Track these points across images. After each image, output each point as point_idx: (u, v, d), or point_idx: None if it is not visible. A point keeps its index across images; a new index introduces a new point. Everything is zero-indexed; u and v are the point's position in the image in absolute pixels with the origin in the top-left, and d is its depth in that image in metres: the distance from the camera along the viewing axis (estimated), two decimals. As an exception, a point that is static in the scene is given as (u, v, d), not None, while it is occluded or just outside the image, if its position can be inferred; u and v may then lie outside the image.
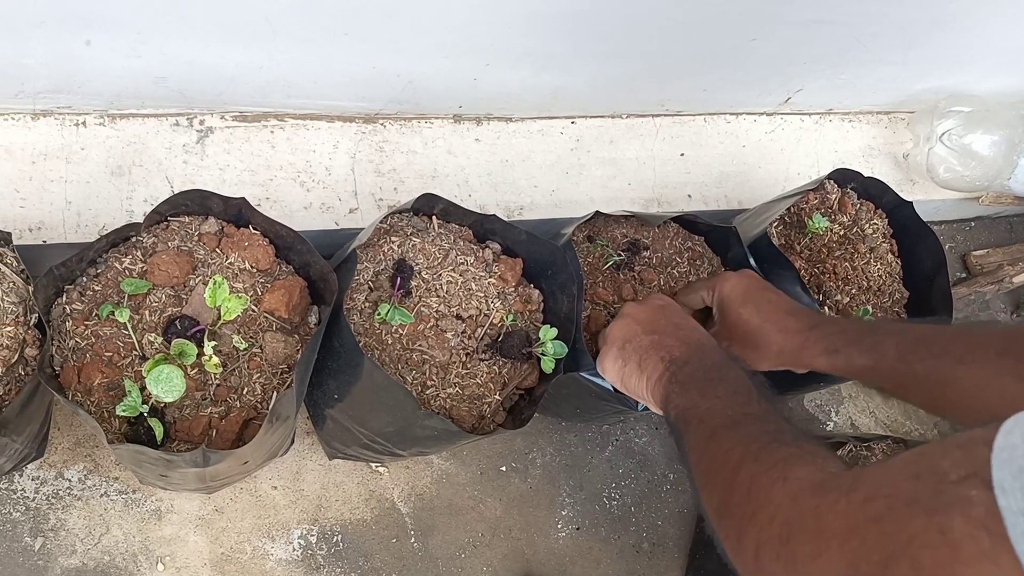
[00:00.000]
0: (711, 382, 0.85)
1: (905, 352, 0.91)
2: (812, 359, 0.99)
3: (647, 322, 0.99)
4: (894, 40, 1.36)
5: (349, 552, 1.35)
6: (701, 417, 0.80)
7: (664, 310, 1.01)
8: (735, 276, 1.10)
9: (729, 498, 0.67)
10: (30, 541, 1.22)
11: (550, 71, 1.26)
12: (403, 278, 1.07)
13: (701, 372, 0.88)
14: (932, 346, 0.91)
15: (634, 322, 1.00)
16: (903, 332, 0.95)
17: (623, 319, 1.02)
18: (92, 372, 0.94)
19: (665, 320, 0.99)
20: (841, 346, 0.97)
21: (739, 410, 0.78)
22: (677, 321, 0.99)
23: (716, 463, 0.72)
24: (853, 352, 0.95)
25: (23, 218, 1.14)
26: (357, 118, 1.32)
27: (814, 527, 0.55)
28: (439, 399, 1.06)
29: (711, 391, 0.83)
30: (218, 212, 1.05)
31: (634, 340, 0.98)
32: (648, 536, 1.53)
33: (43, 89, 1.11)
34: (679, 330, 0.97)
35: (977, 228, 1.98)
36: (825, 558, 0.53)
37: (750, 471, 0.66)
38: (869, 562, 0.50)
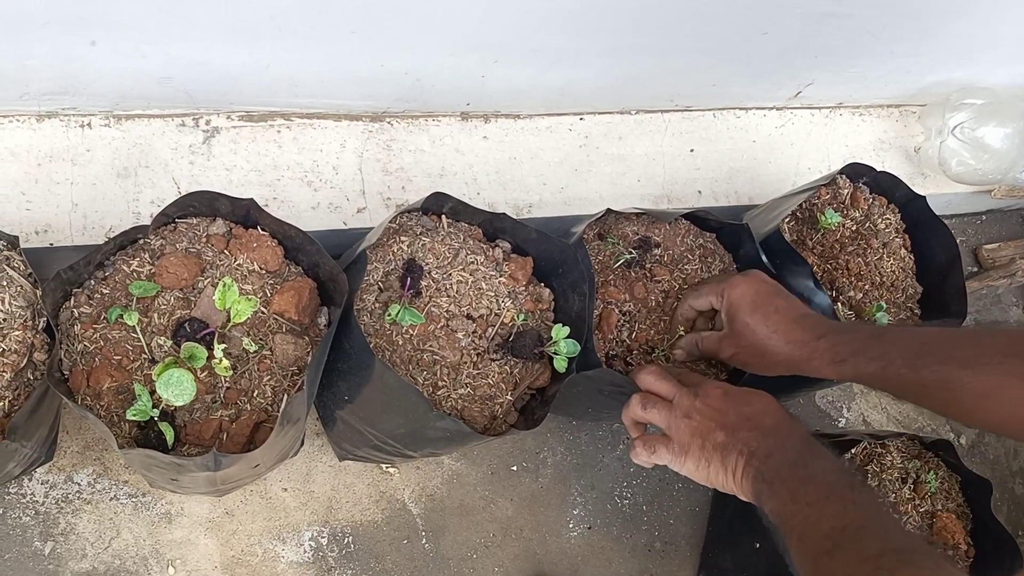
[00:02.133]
0: (799, 481, 0.84)
1: (912, 359, 0.92)
2: (819, 368, 0.99)
3: (717, 417, 0.95)
4: (906, 31, 1.34)
5: (360, 553, 1.34)
6: (800, 532, 0.79)
7: (728, 399, 0.96)
8: (743, 282, 1.08)
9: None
10: (40, 545, 1.21)
11: (559, 67, 1.25)
12: (413, 278, 1.06)
13: (787, 469, 0.86)
14: (938, 352, 0.91)
15: (703, 419, 0.96)
16: (909, 339, 0.95)
17: (690, 420, 0.97)
18: (101, 376, 0.93)
19: (734, 412, 0.95)
20: (848, 355, 0.97)
21: (836, 523, 0.77)
22: (746, 411, 0.94)
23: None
24: (860, 361, 0.96)
25: (29, 221, 1.13)
26: (364, 117, 1.31)
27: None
28: (450, 400, 1.05)
29: (801, 495, 0.82)
30: (226, 213, 1.04)
31: (709, 437, 0.94)
32: (660, 535, 1.52)
33: (48, 91, 1.10)
34: (750, 419, 0.93)
35: (988, 221, 1.96)
36: None
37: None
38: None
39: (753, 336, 1.04)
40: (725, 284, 1.09)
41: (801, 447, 0.89)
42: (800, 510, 0.81)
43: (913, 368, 0.91)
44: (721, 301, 1.09)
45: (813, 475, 0.84)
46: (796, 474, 0.85)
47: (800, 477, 0.84)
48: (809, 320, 1.03)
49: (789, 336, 1.01)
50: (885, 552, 0.70)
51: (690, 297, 1.15)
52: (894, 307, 1.33)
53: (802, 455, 0.87)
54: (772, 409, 0.95)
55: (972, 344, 0.91)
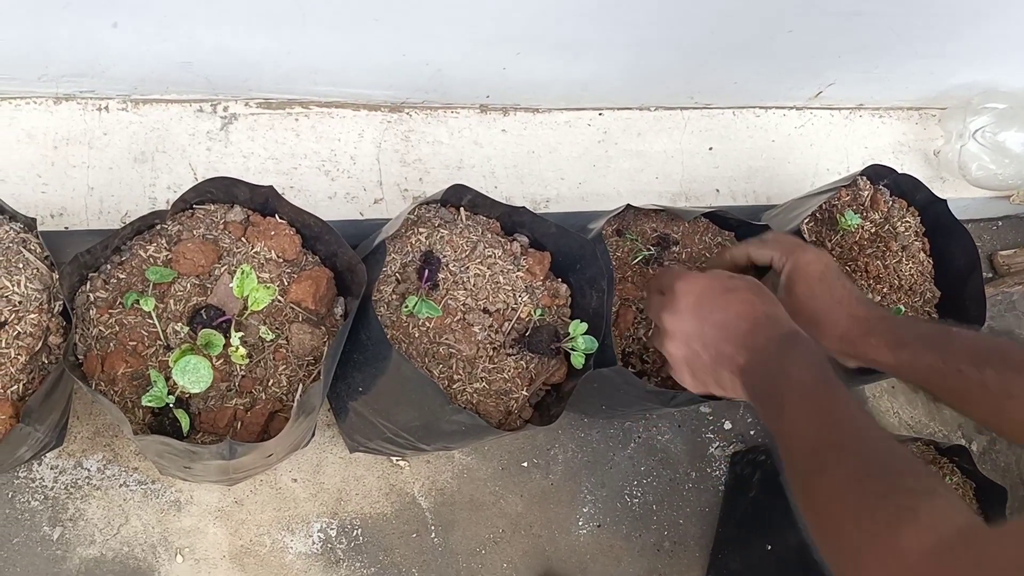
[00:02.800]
0: (782, 395, 0.80)
1: (978, 358, 0.87)
2: (876, 349, 0.95)
3: (693, 334, 0.90)
4: (932, 32, 1.33)
5: (369, 546, 1.34)
6: (787, 451, 0.76)
7: (700, 307, 0.90)
8: (815, 251, 1.03)
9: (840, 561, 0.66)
10: (48, 531, 1.20)
11: (582, 61, 1.24)
12: (431, 270, 1.05)
13: (769, 382, 0.82)
14: (1007, 357, 0.86)
15: (682, 340, 0.91)
16: (976, 338, 0.91)
17: (670, 338, 0.92)
18: (116, 361, 0.92)
19: (708, 324, 0.89)
20: (910, 340, 0.92)
21: (819, 441, 0.73)
22: (718, 318, 0.88)
23: (816, 518, 0.70)
24: (920, 348, 0.91)
25: (45, 203, 1.12)
26: (383, 107, 1.30)
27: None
28: (465, 394, 1.04)
29: (786, 413, 0.78)
30: (244, 200, 1.04)
31: (695, 361, 0.90)
32: (669, 534, 1.52)
33: (66, 73, 1.09)
34: (726, 328, 0.88)
35: (1005, 227, 1.95)
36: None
37: (853, 538, 0.64)
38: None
39: (814, 304, 0.99)
40: (796, 246, 1.03)
41: (779, 351, 0.83)
42: (784, 428, 0.77)
43: (977, 367, 0.86)
44: (785, 261, 1.03)
45: (793, 386, 0.79)
46: (778, 387, 0.80)
47: (782, 390, 0.80)
48: (872, 303, 1.00)
49: (852, 310, 0.97)
50: (871, 473, 0.67)
51: (751, 245, 1.08)
52: (912, 311, 1.32)
53: (780, 362, 0.82)
54: (745, 308, 0.88)
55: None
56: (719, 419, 1.60)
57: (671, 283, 0.93)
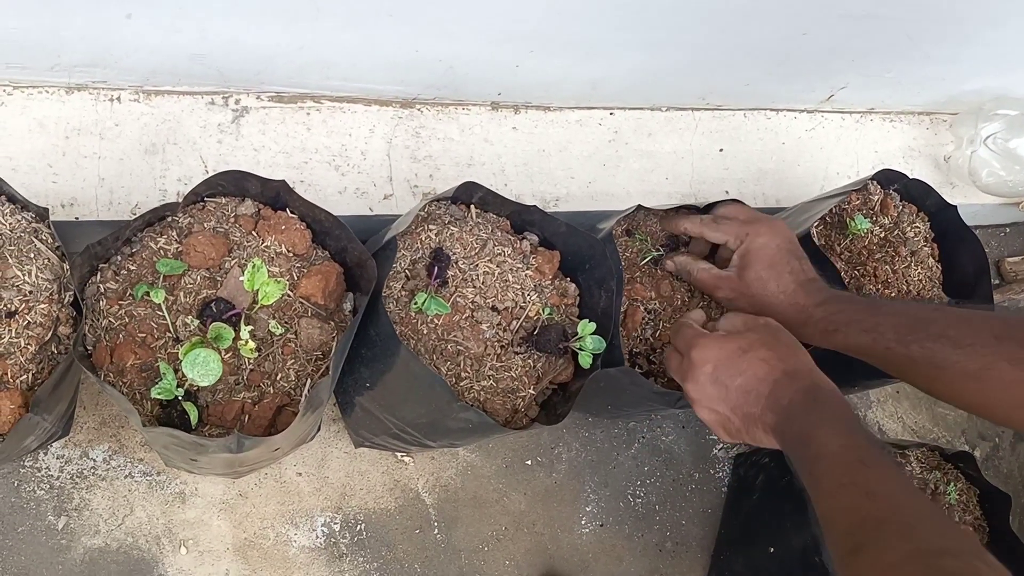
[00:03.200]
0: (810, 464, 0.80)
1: (903, 334, 0.90)
2: (812, 336, 0.99)
3: (720, 402, 0.92)
4: (946, 36, 1.33)
5: (372, 541, 1.34)
6: (823, 522, 0.76)
7: (718, 375, 0.92)
8: (768, 231, 1.06)
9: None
10: (53, 520, 1.21)
11: (594, 60, 1.24)
12: (440, 267, 1.05)
13: (799, 449, 0.83)
14: (930, 328, 0.89)
15: (711, 407, 0.93)
16: (903, 313, 0.94)
17: (699, 407, 0.94)
18: (125, 353, 0.93)
19: (732, 392, 0.91)
20: (841, 325, 0.96)
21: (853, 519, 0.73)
22: (739, 383, 0.90)
23: None
24: (851, 332, 0.95)
25: (55, 193, 1.12)
26: (394, 102, 1.29)
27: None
28: (472, 392, 1.05)
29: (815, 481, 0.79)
30: (255, 194, 1.04)
31: (728, 424, 0.92)
32: (672, 535, 1.52)
33: (79, 62, 1.09)
34: (749, 393, 0.89)
35: (1012, 234, 1.95)
36: None
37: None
38: None
39: (761, 290, 1.03)
40: (749, 228, 1.06)
41: (802, 417, 0.84)
42: (819, 499, 0.77)
43: (903, 343, 0.90)
44: (739, 245, 1.07)
45: (820, 455, 0.79)
46: (806, 455, 0.81)
47: (810, 459, 0.80)
48: (813, 285, 1.02)
49: (793, 299, 1.01)
50: (908, 556, 0.67)
51: (706, 226, 1.11)
52: (920, 316, 1.32)
53: (805, 429, 0.83)
54: (763, 371, 0.89)
55: (965, 324, 0.89)
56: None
57: (687, 349, 0.95)
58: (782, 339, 0.93)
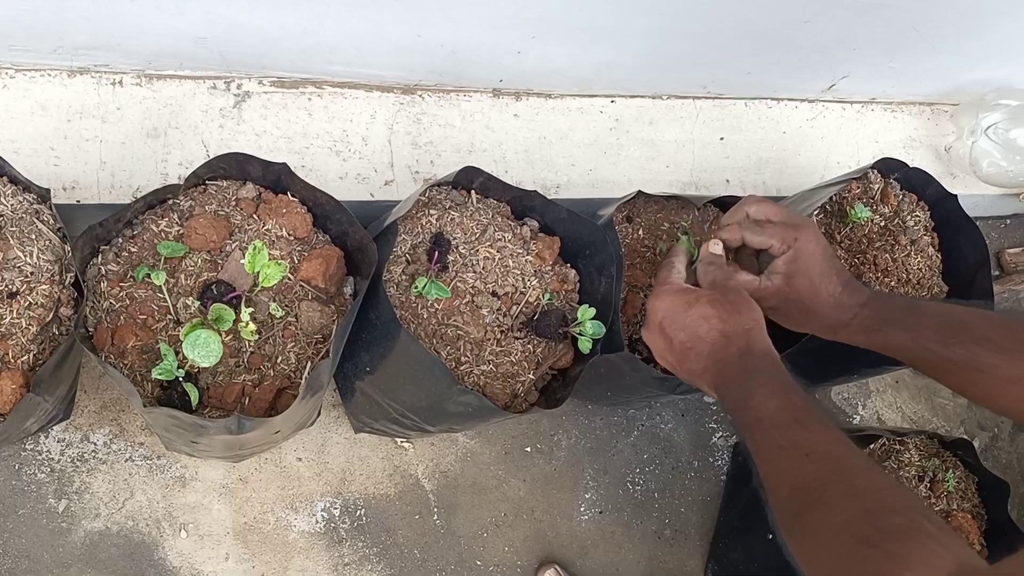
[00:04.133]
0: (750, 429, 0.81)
1: (945, 336, 0.90)
2: (853, 335, 0.98)
3: (668, 354, 0.94)
4: (951, 27, 1.32)
5: (372, 526, 1.34)
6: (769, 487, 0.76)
7: (665, 328, 0.93)
8: (815, 237, 1.00)
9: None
10: (54, 503, 1.21)
11: (598, 47, 1.23)
12: (440, 252, 1.06)
13: (736, 413, 0.84)
14: (973, 331, 0.89)
15: (662, 356, 0.96)
16: (945, 315, 0.94)
17: (656, 354, 0.97)
18: (126, 334, 0.93)
19: (676, 345, 0.92)
20: (882, 325, 0.95)
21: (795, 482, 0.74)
22: (682, 339, 0.91)
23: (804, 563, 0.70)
24: (892, 331, 0.94)
25: (57, 176, 1.12)
26: (396, 88, 1.29)
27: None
28: (472, 376, 1.05)
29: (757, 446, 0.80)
30: (256, 177, 1.04)
31: (681, 372, 0.95)
32: (671, 522, 1.52)
33: (82, 45, 1.09)
34: (690, 350, 0.90)
35: (1013, 226, 1.95)
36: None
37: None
38: None
39: (812, 296, 0.99)
40: (797, 233, 0.99)
41: (738, 383, 0.85)
42: (761, 463, 0.78)
43: (945, 344, 0.90)
44: (787, 250, 0.99)
45: (758, 419, 0.80)
46: (745, 420, 0.82)
47: (749, 424, 0.81)
48: (853, 286, 1.00)
49: (837, 300, 0.98)
50: (854, 517, 0.67)
51: (749, 231, 1.03)
52: (920, 306, 1.32)
53: (741, 394, 0.83)
54: (703, 330, 0.90)
55: (1007, 329, 0.88)
56: (722, 409, 1.60)
57: (651, 298, 0.98)
58: (730, 298, 0.92)
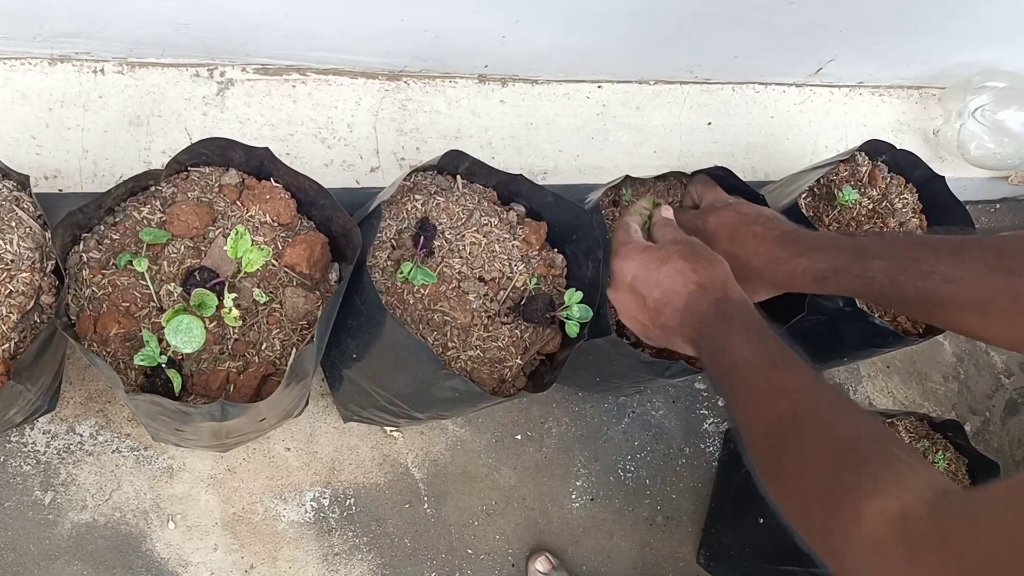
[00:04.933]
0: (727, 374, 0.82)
1: (894, 275, 0.90)
2: (804, 286, 0.98)
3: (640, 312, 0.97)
4: (935, 8, 1.32)
5: (362, 516, 1.34)
6: (741, 426, 0.77)
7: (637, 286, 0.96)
8: (715, 216, 1.07)
9: (807, 532, 0.66)
10: (40, 495, 1.20)
11: (582, 30, 1.23)
12: (426, 237, 1.05)
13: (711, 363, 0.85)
14: (921, 266, 0.89)
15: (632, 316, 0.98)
16: (891, 254, 0.93)
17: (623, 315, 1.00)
18: (109, 322, 0.92)
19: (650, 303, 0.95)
20: (830, 273, 0.95)
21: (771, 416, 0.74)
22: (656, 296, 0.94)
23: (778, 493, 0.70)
24: (842, 278, 0.94)
25: (39, 165, 1.11)
26: (381, 75, 1.29)
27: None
28: (459, 361, 1.04)
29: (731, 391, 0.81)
30: (239, 163, 1.03)
31: (649, 334, 0.97)
32: (662, 509, 1.52)
33: (62, 32, 1.08)
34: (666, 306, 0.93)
35: (1003, 210, 1.95)
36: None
37: (817, 511, 0.64)
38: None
39: (734, 262, 1.00)
40: (701, 219, 1.08)
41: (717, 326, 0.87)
42: (735, 406, 0.79)
43: (895, 286, 0.90)
44: (700, 236, 1.06)
45: (734, 364, 0.81)
46: (719, 366, 0.84)
47: (725, 369, 0.82)
48: (788, 237, 1.01)
49: (769, 255, 1.00)
50: (831, 443, 0.68)
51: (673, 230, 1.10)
52: (908, 288, 1.32)
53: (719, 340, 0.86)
54: (679, 284, 0.92)
55: (955, 255, 0.87)
56: (713, 395, 1.60)
57: (612, 257, 1.00)
58: (700, 252, 0.95)
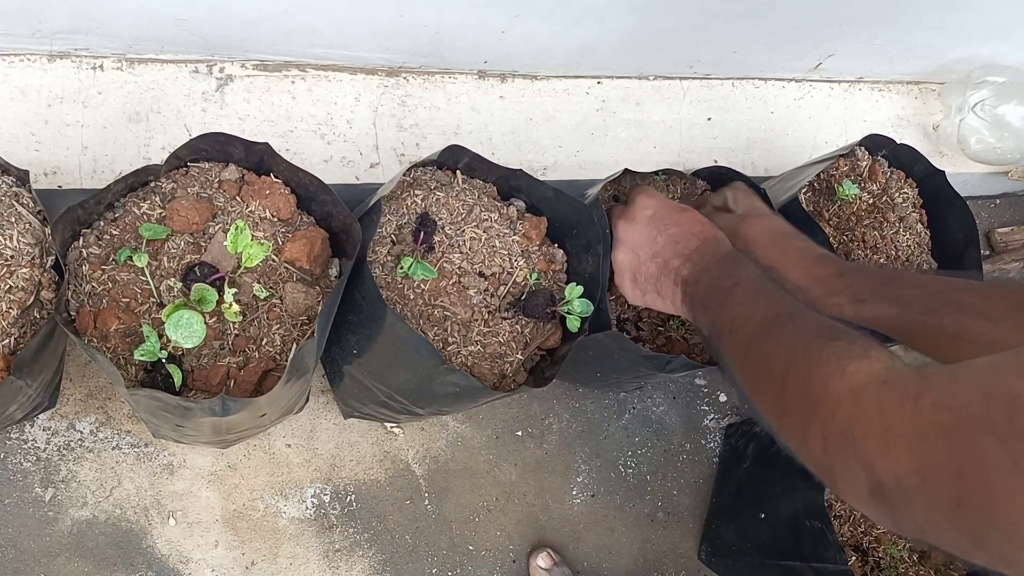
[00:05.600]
0: (727, 291, 0.84)
1: (932, 304, 0.89)
2: (839, 307, 0.97)
3: (645, 244, 0.98)
4: (935, 3, 1.32)
5: (362, 512, 1.33)
6: (731, 328, 0.79)
7: (655, 221, 0.98)
8: (760, 221, 1.08)
9: (784, 399, 0.67)
10: (41, 492, 1.20)
11: (582, 25, 1.23)
12: (426, 233, 1.05)
13: (713, 286, 0.87)
14: (958, 300, 0.88)
15: (632, 249, 0.99)
16: (928, 284, 0.93)
17: (621, 246, 1.01)
18: (109, 317, 0.92)
19: (661, 236, 0.97)
20: (868, 296, 0.95)
21: (768, 312, 0.76)
22: (672, 232, 0.96)
23: (763, 368, 0.72)
24: (879, 303, 0.93)
25: (39, 162, 1.11)
26: (380, 71, 1.29)
27: (879, 425, 0.55)
28: (460, 357, 1.04)
29: (731, 299, 0.82)
30: (239, 159, 1.03)
31: (641, 269, 0.98)
32: (663, 505, 1.52)
33: (61, 29, 1.08)
34: (677, 243, 0.95)
35: (1003, 205, 1.95)
36: (894, 456, 0.53)
37: (801, 369, 0.65)
38: (940, 469, 0.50)
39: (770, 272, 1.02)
40: (742, 223, 1.08)
41: (725, 263, 0.90)
42: (730, 311, 0.81)
43: (933, 314, 0.88)
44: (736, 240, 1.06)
45: (739, 282, 0.84)
46: (723, 286, 0.85)
47: (727, 287, 0.84)
48: (829, 258, 1.01)
49: (810, 271, 1.00)
50: (824, 325, 0.69)
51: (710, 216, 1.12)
52: (909, 283, 1.31)
53: (726, 269, 0.88)
54: (697, 228, 0.95)
55: (992, 296, 0.87)
56: (714, 391, 1.60)
57: (634, 196, 1.03)
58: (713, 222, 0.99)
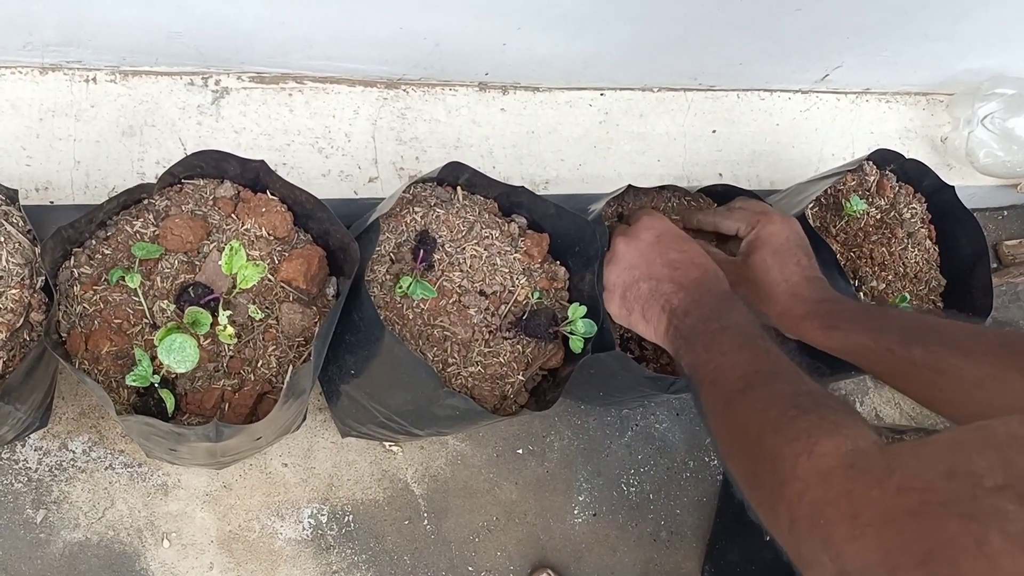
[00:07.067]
0: (714, 334, 0.83)
1: (907, 336, 0.87)
2: (810, 331, 0.97)
3: (642, 265, 0.97)
4: (942, 13, 1.30)
5: (360, 533, 1.31)
6: (712, 378, 0.78)
7: (658, 244, 0.98)
8: (780, 222, 1.07)
9: (755, 469, 0.66)
10: (32, 513, 1.18)
11: (584, 37, 1.20)
12: (426, 251, 1.03)
13: (702, 324, 0.86)
14: (934, 335, 0.86)
15: (629, 266, 0.98)
16: (907, 318, 0.92)
17: (617, 262, 0.99)
18: (100, 339, 0.89)
19: (660, 259, 0.96)
20: (842, 323, 0.94)
21: (749, 368, 0.75)
22: (673, 257, 0.95)
23: (736, 432, 0.71)
24: (853, 331, 0.93)
25: (29, 177, 1.09)
26: (379, 83, 1.26)
27: (847, 510, 0.54)
28: (460, 378, 1.02)
29: (716, 345, 0.81)
30: (234, 175, 1.00)
31: (633, 288, 0.97)
32: (666, 524, 1.49)
33: (52, 41, 1.06)
34: (675, 270, 0.94)
35: (1010, 217, 1.92)
36: (862, 543, 0.52)
37: (772, 443, 0.65)
38: (908, 555, 0.49)
39: (764, 276, 1.02)
40: (761, 217, 1.07)
41: (718, 302, 0.89)
42: (713, 358, 0.80)
43: (906, 345, 0.86)
44: (750, 233, 1.08)
45: (727, 327, 0.83)
46: (710, 327, 0.85)
47: (714, 330, 0.84)
48: (818, 283, 1.01)
49: (796, 290, 1.00)
50: (800, 392, 0.69)
51: (719, 215, 1.13)
52: (917, 299, 1.29)
53: (717, 309, 0.87)
54: (698, 261, 0.95)
55: (970, 333, 0.85)
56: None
57: (639, 216, 1.02)
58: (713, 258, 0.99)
